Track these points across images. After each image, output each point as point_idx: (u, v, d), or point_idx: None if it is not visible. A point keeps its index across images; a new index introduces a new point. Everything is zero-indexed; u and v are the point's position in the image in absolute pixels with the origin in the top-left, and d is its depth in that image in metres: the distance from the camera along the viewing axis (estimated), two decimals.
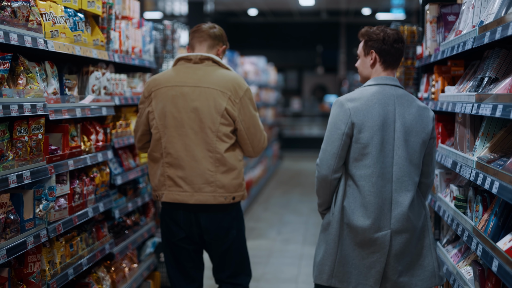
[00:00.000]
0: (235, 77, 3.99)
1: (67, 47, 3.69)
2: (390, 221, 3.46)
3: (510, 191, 2.61)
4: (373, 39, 3.62)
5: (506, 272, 2.62)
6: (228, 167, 3.91)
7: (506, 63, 3.27)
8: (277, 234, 9.37)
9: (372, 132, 3.45)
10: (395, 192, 3.45)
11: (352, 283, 3.54)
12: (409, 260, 3.52)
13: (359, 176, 3.48)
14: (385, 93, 3.53)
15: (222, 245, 4.04)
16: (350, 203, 3.51)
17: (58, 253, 3.67)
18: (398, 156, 3.45)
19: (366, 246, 3.49)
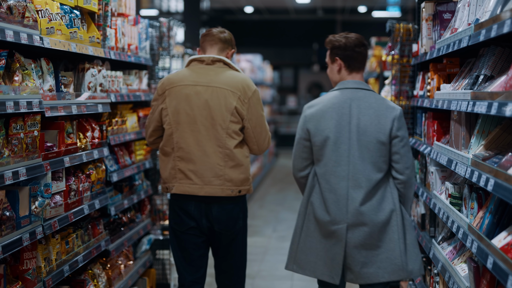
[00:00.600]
0: (244, 78, 4.22)
1: (63, 44, 3.69)
2: (346, 215, 3.74)
3: (505, 188, 2.61)
4: (336, 46, 3.92)
5: (501, 269, 2.62)
6: (236, 162, 4.12)
7: (502, 61, 3.27)
8: (273, 232, 9.38)
9: (325, 134, 3.79)
10: (351, 188, 3.75)
11: (317, 272, 3.87)
12: (375, 253, 3.75)
13: (319, 174, 3.84)
14: (342, 97, 3.83)
15: (230, 235, 4.23)
16: (315, 199, 3.86)
17: (53, 250, 3.67)
18: (352, 155, 3.75)
19: (329, 238, 3.81)
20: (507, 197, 2.57)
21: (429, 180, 4.54)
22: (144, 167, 5.42)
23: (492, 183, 2.78)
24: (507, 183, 2.61)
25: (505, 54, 3.27)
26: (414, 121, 5.42)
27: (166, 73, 5.91)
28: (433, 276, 4.31)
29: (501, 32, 2.74)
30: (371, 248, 3.76)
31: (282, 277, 6.97)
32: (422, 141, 4.86)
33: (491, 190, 2.78)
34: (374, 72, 8.98)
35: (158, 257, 6.00)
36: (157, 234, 5.89)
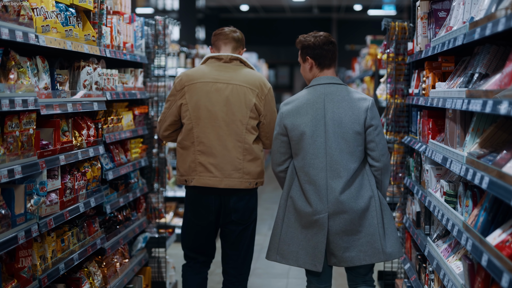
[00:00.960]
0: (260, 76, 4.46)
1: (59, 42, 3.69)
2: (327, 205, 3.95)
3: (500, 186, 2.62)
4: (305, 46, 4.16)
5: (495, 266, 2.63)
6: (254, 156, 4.37)
7: (496, 59, 3.28)
8: (269, 230, 9.38)
9: (301, 129, 3.99)
10: (329, 179, 3.96)
11: (300, 262, 4.06)
12: (356, 237, 4.00)
13: (297, 168, 4.04)
14: (315, 93, 4.04)
15: (244, 224, 4.49)
16: (294, 192, 4.07)
17: (49, 248, 3.67)
18: (329, 147, 3.96)
19: (310, 228, 4.01)
20: (502, 195, 2.58)
21: (424, 178, 4.55)
22: (139, 165, 5.42)
23: (487, 181, 2.79)
24: (502, 181, 2.62)
25: (499, 53, 3.28)
26: (409, 119, 5.43)
27: (161, 71, 5.91)
28: (428, 273, 4.32)
29: (496, 30, 2.75)
30: (352, 233, 3.99)
31: (278, 275, 6.98)
32: (417, 139, 4.87)
33: (486, 188, 2.79)
34: (370, 70, 9.00)
35: (154, 255, 6.01)
36: (152, 232, 5.89)
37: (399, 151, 5.59)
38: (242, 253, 4.55)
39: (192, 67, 8.72)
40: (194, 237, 4.52)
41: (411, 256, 5.13)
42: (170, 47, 6.18)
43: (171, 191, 8.63)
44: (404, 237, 5.55)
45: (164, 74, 5.93)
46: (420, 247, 4.50)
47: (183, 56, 8.65)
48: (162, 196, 5.97)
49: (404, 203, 5.58)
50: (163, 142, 5.95)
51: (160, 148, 5.95)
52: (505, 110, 2.54)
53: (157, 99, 5.88)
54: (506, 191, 2.53)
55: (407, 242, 5.35)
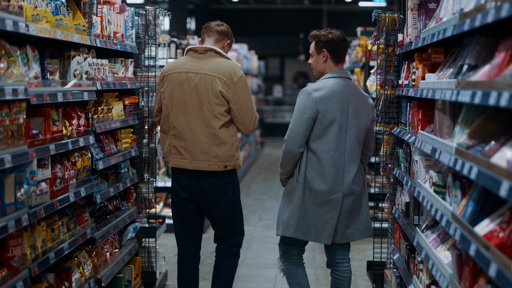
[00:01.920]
0: (231, 65, 4.70)
1: (49, 31, 3.68)
2: (342, 186, 4.49)
3: (488, 176, 2.64)
4: (322, 40, 4.57)
5: (483, 256, 2.65)
6: (221, 141, 4.63)
7: (486, 50, 3.29)
8: (258, 220, 9.41)
9: (333, 115, 4.44)
10: (347, 163, 4.50)
11: (312, 236, 4.53)
12: (353, 217, 4.58)
13: (320, 150, 4.46)
14: (341, 84, 4.51)
15: (219, 206, 4.77)
16: (310, 172, 4.48)
17: (39, 237, 3.67)
18: (350, 134, 4.49)
19: (323, 205, 4.48)
20: (490, 185, 2.60)
21: (413, 168, 4.57)
22: (130, 155, 5.42)
23: (475, 171, 2.81)
24: (490, 171, 2.64)
25: (489, 44, 3.30)
26: (399, 111, 5.45)
27: (152, 61, 5.90)
28: (417, 264, 4.35)
29: (485, 21, 2.76)
30: (352, 213, 4.57)
31: (267, 265, 7.01)
32: (406, 130, 4.89)
33: (474, 178, 2.81)
34: (360, 62, 9.01)
35: (144, 245, 6.01)
36: (143, 222, 5.89)
37: (389, 142, 5.61)
38: (229, 228, 4.92)
39: None
40: (177, 213, 4.88)
41: (400, 246, 5.16)
42: (160, 38, 6.16)
43: (162, 181, 8.64)
44: (393, 228, 5.58)
45: (155, 64, 5.93)
46: (409, 237, 4.53)
47: (174, 47, 8.63)
48: (152, 186, 5.97)
49: (393, 193, 5.60)
50: (153, 133, 5.96)
51: (151, 138, 5.95)
52: (494, 101, 2.56)
53: (148, 89, 5.88)
54: (494, 181, 2.55)
55: (396, 232, 5.38)
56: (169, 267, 6.81)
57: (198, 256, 5.04)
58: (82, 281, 4.30)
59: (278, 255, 4.93)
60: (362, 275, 6.75)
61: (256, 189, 12.29)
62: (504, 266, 2.44)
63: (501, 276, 2.43)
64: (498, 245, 2.58)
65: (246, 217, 9.49)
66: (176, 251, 7.51)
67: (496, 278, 2.48)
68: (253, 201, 10.99)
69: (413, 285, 4.35)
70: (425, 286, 3.99)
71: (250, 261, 7.17)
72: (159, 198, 8.76)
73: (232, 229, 4.94)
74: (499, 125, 2.99)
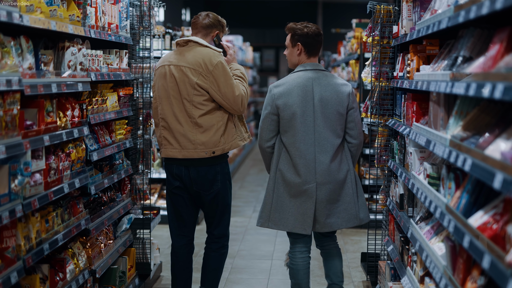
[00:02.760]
0: (207, 53, 4.79)
1: (43, 22, 3.67)
2: (315, 176, 4.61)
3: (482, 168, 2.64)
4: (298, 34, 4.74)
5: (477, 248, 2.66)
6: (205, 128, 4.76)
7: (480, 42, 3.29)
8: (253, 212, 9.42)
9: (293, 109, 4.59)
10: (317, 153, 4.61)
11: (289, 226, 4.68)
12: (335, 206, 4.68)
13: (288, 143, 4.63)
14: (305, 76, 4.66)
15: (209, 195, 4.89)
16: (283, 165, 4.66)
17: (33, 229, 3.67)
18: (317, 125, 4.60)
19: (299, 196, 4.64)
20: (484, 177, 2.61)
21: (408, 160, 4.58)
22: (124, 146, 5.42)
23: (469, 163, 2.81)
24: (484, 163, 2.65)
25: (483, 36, 3.30)
26: (394, 102, 5.45)
27: (146, 52, 5.89)
28: (411, 255, 4.36)
29: (480, 13, 2.76)
30: (333, 202, 4.67)
31: (262, 256, 7.02)
32: (401, 122, 4.89)
33: (468, 170, 2.82)
34: (355, 54, 9.00)
35: (139, 236, 6.02)
36: (137, 214, 5.90)
37: (383, 134, 5.62)
38: (215, 220, 5.03)
39: None
40: (171, 202, 5.01)
41: (394, 238, 5.17)
42: (155, 29, 6.15)
43: (156, 172, 8.63)
44: (388, 219, 5.59)
45: (150, 55, 5.92)
46: (403, 229, 4.54)
47: (169, 38, 8.62)
48: (146, 177, 5.97)
49: (388, 185, 5.61)
50: (148, 124, 5.96)
51: (145, 129, 5.95)
52: (488, 93, 2.56)
53: (142, 81, 5.87)
54: (488, 173, 2.56)
55: (390, 224, 5.39)
56: (164, 259, 6.82)
57: (192, 246, 5.13)
58: (76, 272, 4.30)
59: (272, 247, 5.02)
60: (356, 266, 6.77)
61: (251, 180, 12.30)
62: (498, 258, 2.45)
63: (494, 268, 2.44)
64: (491, 237, 2.59)
65: (240, 208, 9.50)
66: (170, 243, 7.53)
67: (489, 270, 2.48)
68: (248, 192, 11.00)
69: (407, 276, 4.36)
70: (419, 278, 4.00)
71: (245, 253, 7.18)
72: (153, 189, 8.76)
73: (218, 220, 5.03)
74: (494, 117, 2.99)
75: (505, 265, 2.35)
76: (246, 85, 4.94)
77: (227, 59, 5.01)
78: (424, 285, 3.89)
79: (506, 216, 2.59)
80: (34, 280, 3.71)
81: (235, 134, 4.89)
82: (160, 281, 6.22)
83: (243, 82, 4.92)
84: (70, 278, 4.19)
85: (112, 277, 5.18)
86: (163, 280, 6.27)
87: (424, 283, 3.88)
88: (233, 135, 4.87)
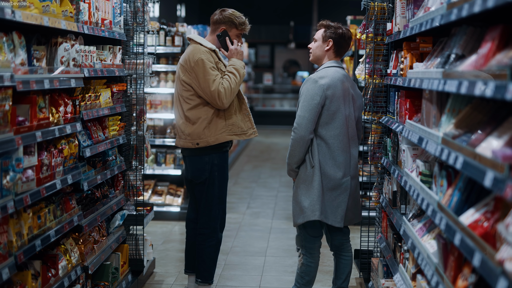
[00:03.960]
0: (192, 49, 5.11)
1: (35, 18, 3.66)
2: (349, 169, 4.83)
3: (474, 166, 2.65)
4: (332, 31, 4.89)
5: (467, 246, 2.67)
6: (191, 121, 5.11)
7: (473, 40, 3.30)
8: (247, 208, 9.42)
9: (339, 102, 4.73)
10: (351, 147, 4.85)
11: (329, 220, 4.80)
12: (352, 200, 4.89)
13: (328, 136, 4.74)
14: (341, 72, 4.84)
15: (197, 184, 5.24)
16: (322, 158, 4.75)
17: (25, 225, 3.66)
18: (351, 119, 4.83)
19: (335, 189, 4.79)
20: (475, 175, 2.61)
21: (400, 158, 4.58)
22: (117, 142, 5.41)
23: (461, 161, 2.82)
24: (476, 161, 2.65)
25: (476, 34, 3.30)
26: (387, 100, 5.45)
27: (140, 48, 5.88)
28: (403, 252, 4.37)
29: (472, 11, 2.76)
30: (356, 197, 4.94)
31: (255, 253, 7.02)
32: (394, 119, 4.89)
33: (460, 168, 2.82)
34: (349, 51, 8.99)
35: (132, 233, 6.01)
36: (130, 210, 5.89)
37: (377, 131, 5.62)
38: (201, 208, 5.29)
39: (172, 45, 8.71)
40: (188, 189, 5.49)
41: (387, 235, 5.18)
42: (149, 25, 6.13)
43: (150, 169, 8.63)
44: (381, 216, 5.59)
45: (143, 51, 5.91)
46: (396, 226, 4.54)
47: (163, 34, 8.61)
48: (140, 173, 5.96)
49: (381, 182, 5.61)
50: (142, 120, 5.95)
51: (139, 125, 5.94)
52: (480, 91, 2.56)
53: (136, 77, 5.86)
54: (479, 172, 2.56)
55: (383, 221, 5.39)
56: (157, 255, 6.82)
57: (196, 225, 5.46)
58: (69, 268, 4.30)
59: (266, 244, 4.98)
60: None
61: (245, 177, 12.30)
62: (488, 256, 2.45)
63: (485, 266, 2.45)
64: (482, 235, 2.59)
65: (234, 205, 9.50)
66: (164, 239, 7.52)
67: (480, 268, 2.49)
68: (242, 189, 11.00)
69: (399, 273, 4.37)
70: (411, 275, 4.01)
71: (238, 249, 7.18)
72: (147, 185, 8.75)
73: (203, 211, 5.29)
74: (486, 115, 3.00)
75: (495, 263, 2.36)
76: (237, 80, 5.11)
77: (227, 54, 5.24)
78: (416, 282, 3.89)
79: (496, 214, 2.59)
80: (26, 276, 3.70)
81: (224, 128, 5.10)
82: (153, 277, 6.22)
83: (231, 77, 5.08)
84: (62, 274, 4.18)
85: (105, 273, 5.18)
86: (156, 276, 6.26)
87: (416, 280, 3.89)
88: (221, 129, 5.09)
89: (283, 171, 12.61)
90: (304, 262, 4.94)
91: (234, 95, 5.11)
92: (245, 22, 5.24)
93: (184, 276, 6.12)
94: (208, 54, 5.06)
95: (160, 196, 8.73)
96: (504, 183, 2.29)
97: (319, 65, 4.98)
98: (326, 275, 6.23)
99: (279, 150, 16.24)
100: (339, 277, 5.11)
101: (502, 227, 2.37)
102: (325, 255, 6.33)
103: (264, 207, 9.45)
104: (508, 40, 2.72)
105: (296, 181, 4.87)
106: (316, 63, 5.01)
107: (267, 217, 8.80)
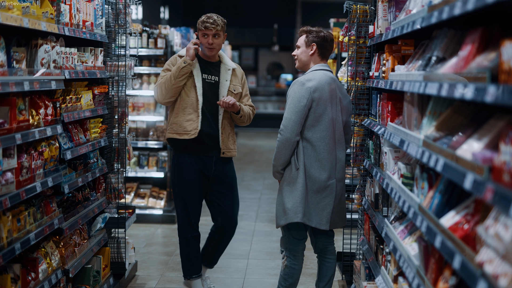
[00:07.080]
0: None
1: (15, 19, 3.63)
2: (335, 172, 4.80)
3: (454, 169, 2.65)
4: (313, 35, 4.88)
5: (448, 248, 2.67)
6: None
7: (453, 43, 3.30)
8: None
9: (326, 104, 4.70)
10: (337, 150, 4.81)
11: (313, 222, 4.77)
12: (338, 203, 4.86)
13: (315, 138, 4.71)
14: (329, 75, 4.81)
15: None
16: (307, 160, 4.73)
17: (4, 228, 3.63)
18: (338, 122, 4.81)
19: (320, 192, 4.76)
20: (455, 177, 2.61)
21: (382, 160, 4.59)
22: (99, 145, 5.38)
23: (441, 164, 2.82)
24: (456, 163, 2.65)
25: (456, 37, 3.31)
26: (370, 102, 5.46)
27: (122, 50, 5.85)
28: (385, 255, 4.37)
29: (452, 14, 2.77)
30: (341, 200, 4.89)
31: (238, 256, 7.00)
32: (376, 121, 4.90)
33: (440, 171, 2.82)
34: (332, 53, 9.00)
35: (113, 236, 5.98)
36: (112, 213, 5.86)
37: (359, 133, 5.63)
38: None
39: (155, 47, 8.69)
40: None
41: (369, 237, 5.18)
42: (131, 27, 6.11)
43: (133, 171, 8.59)
44: (363, 219, 5.60)
45: (125, 53, 5.88)
46: (378, 228, 4.55)
47: (146, 36, 8.58)
48: (122, 176, 5.93)
49: (363, 185, 5.62)
50: (123, 122, 5.93)
51: (121, 128, 5.91)
52: (460, 94, 2.57)
53: (118, 79, 5.83)
54: (459, 174, 2.57)
55: (366, 223, 5.40)
56: (139, 258, 6.78)
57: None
58: (49, 272, 4.26)
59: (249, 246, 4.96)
60: None
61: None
62: (468, 258, 2.45)
63: (465, 268, 2.45)
64: (462, 237, 2.60)
65: None
66: (146, 242, 7.49)
67: (460, 270, 2.49)
68: None
69: (381, 276, 4.37)
70: (393, 277, 4.01)
71: None
72: (130, 188, 8.71)
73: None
74: (466, 117, 3.00)
75: (475, 265, 2.36)
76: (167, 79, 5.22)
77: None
78: (397, 285, 3.90)
79: (476, 217, 2.60)
80: (5, 280, 3.67)
81: (172, 125, 5.30)
82: (135, 281, 6.19)
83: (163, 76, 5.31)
84: (42, 278, 4.15)
85: (86, 276, 5.14)
86: (138, 279, 6.23)
87: (397, 282, 3.89)
88: (170, 125, 5.32)
89: (266, 174, 12.60)
90: (288, 264, 4.91)
91: (165, 92, 5.22)
92: (203, 20, 5.34)
93: (166, 278, 6.09)
94: (173, 59, 5.38)
95: (142, 198, 8.69)
96: (483, 186, 2.30)
97: (306, 70, 4.93)
98: (309, 278, 6.23)
99: (262, 153, 16.24)
100: (322, 280, 5.06)
101: (482, 230, 2.38)
102: (308, 257, 6.31)
103: (247, 210, 9.43)
104: (488, 43, 2.73)
105: (280, 183, 4.84)
106: (302, 69, 4.95)
107: (250, 220, 8.78)
